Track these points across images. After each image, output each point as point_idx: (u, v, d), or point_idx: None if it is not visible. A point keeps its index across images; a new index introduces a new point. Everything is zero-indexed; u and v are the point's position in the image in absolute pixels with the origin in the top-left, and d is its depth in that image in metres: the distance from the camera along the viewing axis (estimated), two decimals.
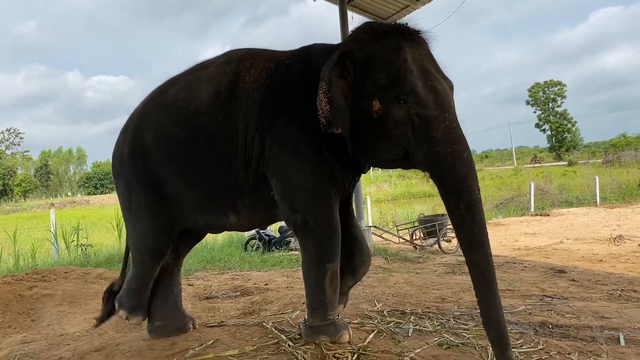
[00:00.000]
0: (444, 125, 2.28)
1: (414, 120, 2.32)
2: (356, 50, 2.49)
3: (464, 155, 2.27)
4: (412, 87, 2.30)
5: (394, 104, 2.34)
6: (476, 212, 2.23)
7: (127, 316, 3.16)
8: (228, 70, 2.82)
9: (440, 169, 2.30)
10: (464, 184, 2.24)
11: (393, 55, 2.38)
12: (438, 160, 2.29)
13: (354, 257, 2.99)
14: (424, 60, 2.40)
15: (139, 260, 3.13)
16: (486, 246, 2.24)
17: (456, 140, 2.28)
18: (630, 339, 2.97)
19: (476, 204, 2.24)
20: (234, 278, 6.71)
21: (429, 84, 2.33)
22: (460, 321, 3.37)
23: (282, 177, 2.67)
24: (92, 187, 70.67)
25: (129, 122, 3.14)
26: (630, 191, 18.50)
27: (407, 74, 2.32)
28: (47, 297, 4.84)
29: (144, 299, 3.21)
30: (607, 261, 6.96)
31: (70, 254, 9.77)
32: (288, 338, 2.90)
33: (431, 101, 2.30)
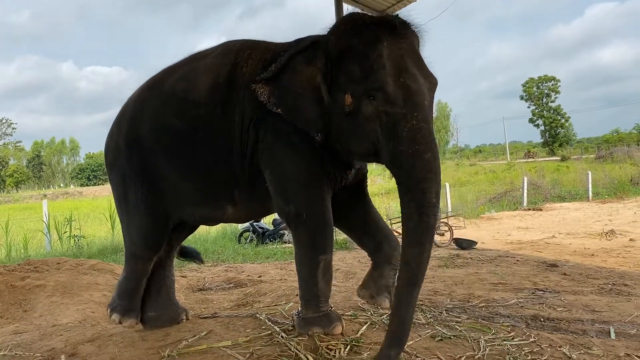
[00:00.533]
0: (411, 125, 2.20)
1: (382, 117, 2.28)
2: (333, 41, 2.45)
3: (425, 156, 2.19)
4: (381, 84, 2.25)
5: (364, 99, 2.31)
6: (424, 214, 2.16)
7: (119, 320, 3.10)
8: (226, 61, 2.79)
9: (401, 168, 2.25)
10: (420, 185, 2.17)
11: (368, 49, 2.31)
12: (400, 159, 2.23)
13: (383, 246, 2.90)
14: (404, 55, 2.31)
15: (134, 254, 3.10)
16: (424, 247, 2.17)
17: (420, 141, 2.20)
18: (621, 332, 3.00)
19: (427, 207, 2.17)
20: (227, 270, 6.71)
21: (402, 81, 2.25)
22: (453, 314, 3.39)
23: (274, 169, 2.66)
24: (85, 178, 70.43)
25: (123, 113, 3.10)
26: (622, 186, 18.62)
27: (379, 70, 2.27)
28: (40, 287, 4.83)
29: (137, 300, 3.17)
30: (598, 255, 7.03)
31: (63, 245, 9.74)
32: (281, 329, 2.91)
33: (400, 99, 2.23)
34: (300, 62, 2.48)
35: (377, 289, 2.85)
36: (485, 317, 3.34)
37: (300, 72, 2.47)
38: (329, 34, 2.51)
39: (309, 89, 2.47)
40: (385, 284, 2.85)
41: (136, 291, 3.15)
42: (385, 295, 2.84)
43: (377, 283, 2.87)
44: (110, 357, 2.66)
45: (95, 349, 2.80)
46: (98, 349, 2.79)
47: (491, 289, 4.49)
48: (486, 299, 3.94)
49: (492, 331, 2.92)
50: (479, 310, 3.55)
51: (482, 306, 3.67)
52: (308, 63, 2.47)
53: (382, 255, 2.89)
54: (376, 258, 2.92)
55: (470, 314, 3.41)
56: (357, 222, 2.97)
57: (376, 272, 2.90)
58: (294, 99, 2.48)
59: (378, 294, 2.85)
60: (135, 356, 2.65)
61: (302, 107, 2.48)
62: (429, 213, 2.16)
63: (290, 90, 2.48)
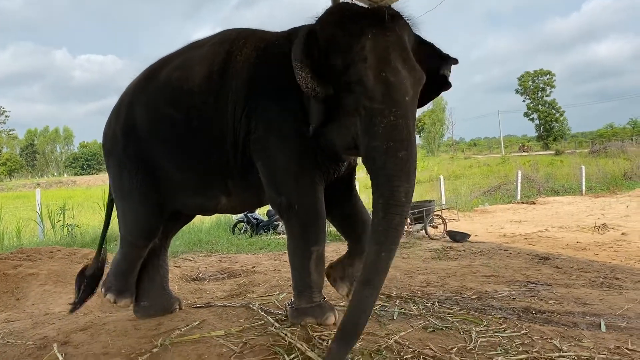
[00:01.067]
0: (388, 120, 2.15)
1: (360, 111, 2.24)
2: (319, 31, 2.41)
3: (399, 154, 2.12)
4: (360, 77, 2.20)
5: (345, 92, 2.27)
6: (389, 212, 2.09)
7: (114, 299, 3.13)
8: (221, 50, 2.77)
9: (374, 164, 2.19)
10: (390, 183, 2.11)
11: (352, 41, 2.27)
12: (373, 154, 2.19)
13: (362, 239, 2.90)
14: (389, 48, 2.24)
15: (129, 242, 3.10)
16: (382, 247, 2.08)
17: (396, 138, 2.14)
18: (611, 325, 3.02)
19: (394, 206, 2.10)
20: (221, 260, 6.72)
21: (383, 75, 2.18)
22: (445, 305, 3.41)
23: (267, 160, 2.65)
24: (79, 167, 70.17)
25: (122, 101, 3.09)
26: (615, 181, 18.73)
27: (360, 63, 2.22)
28: (32, 276, 4.82)
29: (132, 281, 3.18)
30: (590, 249, 7.07)
31: (56, 234, 9.71)
32: (274, 320, 2.91)
33: (379, 94, 2.17)
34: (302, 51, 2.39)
35: (342, 276, 2.92)
36: (477, 309, 3.36)
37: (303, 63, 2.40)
38: (316, 24, 2.47)
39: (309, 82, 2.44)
40: (351, 274, 2.91)
41: (131, 272, 3.16)
42: (347, 284, 2.92)
43: (345, 270, 2.93)
44: (103, 345, 2.65)
45: (87, 337, 2.80)
46: (90, 338, 2.79)
47: (484, 282, 4.51)
48: (478, 291, 3.97)
49: (484, 323, 2.94)
50: (471, 302, 3.57)
51: (474, 298, 3.70)
52: (307, 56, 2.40)
53: (359, 248, 2.90)
54: (352, 248, 2.96)
55: (463, 305, 3.43)
56: (343, 213, 2.97)
57: (348, 260, 2.95)
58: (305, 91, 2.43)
59: (341, 280, 2.92)
60: (127, 345, 2.65)
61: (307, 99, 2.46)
62: (394, 212, 2.10)
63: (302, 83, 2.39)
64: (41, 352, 2.63)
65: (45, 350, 2.64)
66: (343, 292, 2.92)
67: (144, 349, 2.57)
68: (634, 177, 19.46)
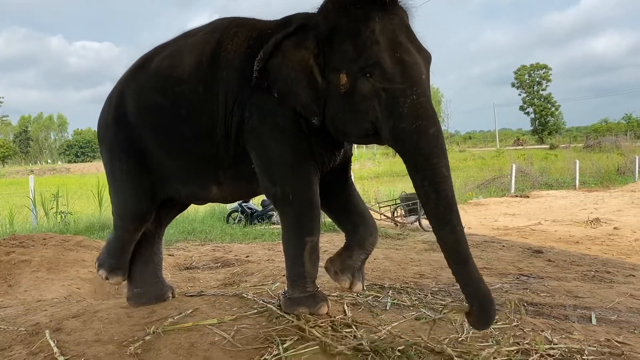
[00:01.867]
0: (411, 100, 2.18)
1: (380, 94, 2.24)
2: (321, 21, 2.42)
3: (430, 131, 2.16)
4: (377, 60, 2.21)
5: (360, 77, 2.27)
6: (441, 189, 2.13)
7: (106, 276, 3.16)
8: (212, 39, 2.75)
9: (405, 145, 2.21)
10: (429, 161, 2.14)
11: (360, 26, 2.29)
12: (403, 136, 2.20)
13: (359, 229, 2.91)
14: (396, 30, 2.28)
15: (120, 225, 3.12)
16: (454, 224, 2.13)
17: (423, 116, 2.17)
18: (602, 318, 3.05)
19: (441, 182, 2.14)
20: (215, 249, 6.72)
21: (397, 56, 2.22)
22: (438, 297, 3.42)
23: (261, 150, 2.64)
24: (73, 155, 69.84)
25: (115, 89, 3.09)
26: (609, 176, 18.86)
27: (373, 46, 2.23)
28: (25, 263, 4.81)
29: (125, 259, 3.20)
30: (583, 243, 7.11)
31: (49, 221, 9.66)
32: (268, 308, 2.92)
33: (398, 74, 2.20)
34: (289, 45, 2.44)
35: (342, 268, 2.88)
36: None
37: (290, 56, 2.44)
38: (318, 14, 2.47)
39: (302, 73, 2.44)
40: (351, 265, 2.88)
41: (123, 252, 3.17)
42: (348, 275, 2.87)
43: (344, 262, 2.89)
44: (95, 332, 2.65)
45: (80, 324, 2.79)
46: (83, 325, 2.78)
47: None
48: None
49: None
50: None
51: None
52: (297, 46, 2.43)
53: (356, 238, 2.91)
54: (350, 240, 2.94)
55: (455, 297, 3.45)
56: (338, 204, 2.96)
57: (346, 252, 2.92)
58: (287, 84, 2.45)
59: (342, 272, 2.87)
60: (120, 332, 2.65)
61: (296, 91, 2.45)
62: (445, 188, 2.14)
63: (282, 75, 2.45)
64: (33, 339, 2.62)
65: (37, 337, 2.64)
66: (345, 285, 2.88)
67: (137, 336, 2.57)
68: (627, 172, 19.58)
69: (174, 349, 2.40)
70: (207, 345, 2.42)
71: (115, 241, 3.17)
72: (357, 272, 2.90)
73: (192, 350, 2.38)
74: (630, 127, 49.73)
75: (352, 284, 2.88)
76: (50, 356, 2.38)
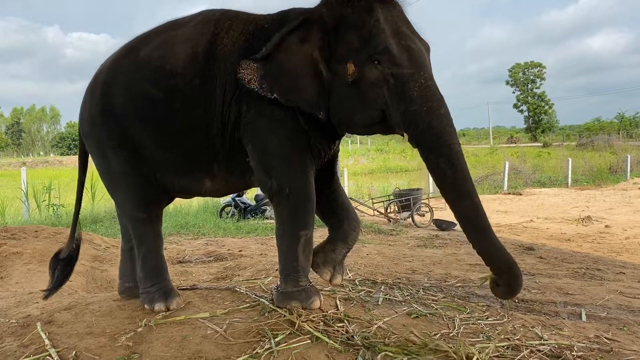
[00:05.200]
0: (420, 84, 2.27)
1: (389, 80, 2.31)
2: (325, 14, 2.45)
3: (440, 111, 2.26)
4: (385, 46, 2.29)
5: (368, 64, 2.33)
6: (457, 163, 2.23)
7: (166, 307, 2.83)
8: (205, 31, 2.71)
9: (417, 127, 2.28)
10: (442, 139, 2.24)
11: (364, 16, 2.36)
12: (414, 118, 2.27)
13: (343, 224, 2.95)
14: (397, 20, 2.39)
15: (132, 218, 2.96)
16: (472, 194, 2.25)
17: (432, 98, 2.27)
18: (591, 315, 3.07)
19: (456, 156, 2.24)
20: (207, 244, 6.71)
21: (403, 43, 2.32)
22: (430, 292, 3.44)
23: (257, 143, 2.63)
24: (65, 147, 69.32)
25: (96, 80, 2.97)
26: (601, 174, 18.98)
27: (380, 33, 2.31)
28: (16, 255, 4.78)
29: (166, 276, 2.99)
30: (574, 240, 7.16)
31: (41, 213, 9.61)
32: (260, 302, 2.92)
33: (405, 60, 2.29)
34: (294, 41, 2.45)
35: (324, 261, 2.91)
36: (461, 296, 3.40)
37: (296, 52, 2.45)
38: (320, 7, 2.49)
39: (307, 68, 2.46)
40: (333, 259, 2.91)
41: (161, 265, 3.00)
42: (329, 268, 2.91)
43: (327, 256, 2.92)
44: (87, 325, 2.65)
45: (71, 317, 2.79)
46: (74, 317, 2.78)
47: (468, 270, 4.56)
48: (463, 279, 4.01)
49: (467, 310, 2.97)
50: (455, 289, 3.61)
51: (458, 286, 3.73)
52: (302, 41, 2.45)
53: (340, 233, 2.94)
54: (334, 234, 2.97)
55: (447, 293, 3.47)
56: (324, 199, 2.95)
57: (329, 245, 2.95)
58: (293, 80, 2.46)
59: (323, 265, 2.90)
60: (112, 325, 2.64)
61: (302, 87, 2.46)
62: (460, 162, 2.25)
63: (286, 72, 2.45)
64: (24, 331, 2.62)
65: (28, 329, 2.63)
66: (326, 277, 2.91)
67: (128, 329, 2.57)
68: (619, 170, 19.70)
69: (166, 341, 2.41)
70: (199, 339, 2.43)
71: (147, 257, 2.95)
72: (338, 265, 2.94)
73: (184, 344, 2.38)
74: (622, 126, 49.98)
75: (332, 276, 2.92)
76: (42, 348, 2.38)
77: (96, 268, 4.81)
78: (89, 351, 2.33)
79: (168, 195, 3.09)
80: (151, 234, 2.98)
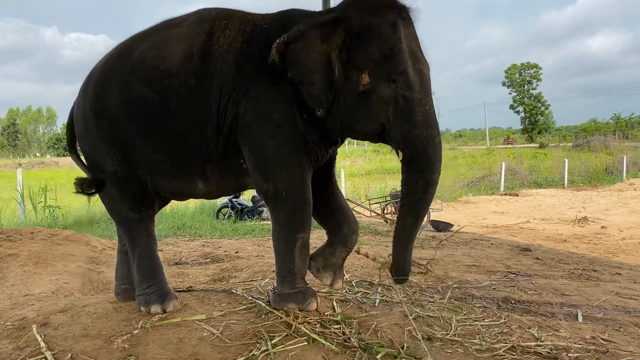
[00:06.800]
0: (424, 110, 2.39)
1: (399, 100, 2.38)
2: (353, 17, 2.44)
3: (436, 140, 2.43)
4: (404, 68, 2.35)
5: (384, 81, 2.37)
6: (428, 191, 2.47)
7: (162, 309, 2.83)
8: (201, 30, 2.69)
9: (415, 150, 2.42)
10: (430, 166, 2.43)
11: (389, 31, 2.38)
12: (414, 141, 2.40)
13: (342, 227, 2.95)
14: (412, 40, 2.44)
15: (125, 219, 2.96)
16: (419, 217, 2.60)
17: (432, 126, 2.41)
18: (588, 316, 3.07)
19: (432, 184, 2.46)
20: (204, 245, 6.70)
21: (417, 66, 2.39)
22: (426, 294, 3.44)
23: (255, 146, 2.62)
24: (61, 148, 68.91)
25: (89, 81, 2.95)
26: (597, 175, 19.00)
27: (401, 53, 2.35)
28: (12, 257, 4.76)
29: (162, 277, 2.98)
30: (570, 241, 7.17)
31: (37, 215, 9.56)
32: (257, 304, 2.92)
33: (418, 84, 2.37)
34: (315, 36, 2.45)
35: (324, 265, 2.91)
36: (458, 297, 3.40)
37: (314, 47, 2.45)
38: (346, 10, 2.47)
39: (321, 65, 2.46)
40: (333, 263, 2.92)
41: (156, 265, 2.99)
42: (330, 273, 2.91)
43: (327, 260, 2.91)
44: (83, 327, 2.64)
45: (67, 319, 2.78)
46: (70, 320, 2.77)
47: (465, 271, 4.56)
48: (460, 280, 4.01)
49: (464, 311, 2.97)
50: (452, 291, 3.61)
51: (455, 287, 3.73)
52: (324, 39, 2.45)
53: (340, 236, 2.94)
54: (333, 237, 2.96)
55: (444, 294, 3.46)
56: (322, 201, 2.95)
57: (329, 249, 2.94)
58: (304, 73, 2.46)
59: (324, 270, 2.91)
60: (108, 327, 2.64)
61: (312, 81, 2.47)
62: (431, 191, 2.49)
63: (299, 63, 2.45)
64: (20, 333, 2.61)
65: (24, 331, 2.62)
66: (327, 282, 2.91)
67: (125, 331, 2.57)
68: (615, 171, 19.75)
69: (162, 344, 2.40)
70: (196, 341, 2.42)
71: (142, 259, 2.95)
72: (338, 269, 2.93)
73: (181, 346, 2.37)
74: (618, 127, 50.04)
75: (333, 281, 2.92)
76: (37, 351, 2.37)
77: (92, 270, 4.79)
78: (84, 354, 2.32)
79: (160, 197, 3.08)
80: (144, 235, 2.97)
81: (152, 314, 2.80)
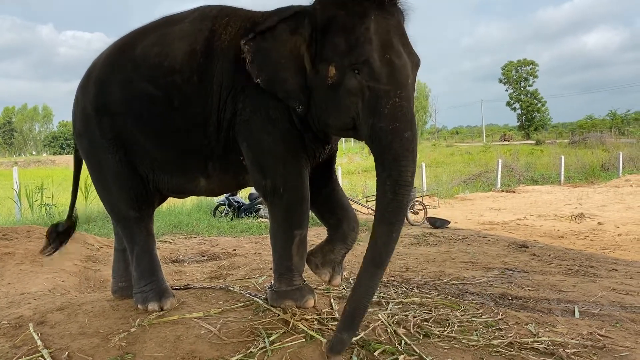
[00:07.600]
0: (393, 102, 2.20)
1: (365, 92, 2.25)
2: (319, 10, 2.40)
3: (405, 134, 2.18)
4: (367, 58, 2.22)
5: (349, 72, 2.27)
6: (399, 192, 2.16)
7: (159, 307, 2.83)
8: (203, 27, 2.68)
9: (380, 144, 2.23)
10: (397, 163, 2.17)
11: (356, 21, 2.29)
12: (379, 135, 2.22)
13: (342, 224, 2.92)
14: (390, 31, 2.29)
15: (124, 218, 2.95)
16: (393, 227, 2.19)
17: (401, 119, 2.19)
18: (585, 312, 3.09)
19: (402, 186, 2.17)
20: (201, 243, 6.70)
21: (387, 57, 2.23)
22: (424, 290, 3.45)
23: (252, 143, 2.61)
24: (58, 146, 68.93)
25: (89, 77, 2.93)
26: (593, 171, 19.08)
27: (365, 44, 2.24)
28: (9, 255, 4.75)
29: (160, 275, 2.98)
30: (567, 238, 7.20)
31: (34, 213, 9.53)
32: (254, 301, 2.92)
33: (385, 75, 2.21)
34: (283, 30, 2.42)
35: (323, 262, 2.89)
36: (455, 294, 3.41)
37: (283, 41, 2.42)
38: (315, 4, 2.45)
39: (291, 59, 2.43)
40: (332, 259, 2.89)
41: (155, 264, 2.99)
42: (328, 269, 2.88)
43: (326, 256, 2.89)
44: (80, 325, 2.63)
45: (64, 317, 2.77)
46: (67, 318, 2.76)
47: (462, 268, 4.57)
48: (457, 276, 4.01)
49: (461, 308, 2.98)
50: (449, 287, 3.62)
51: (452, 284, 3.74)
52: (292, 32, 2.42)
53: (339, 233, 2.91)
54: (333, 234, 2.94)
55: (441, 291, 3.47)
56: (322, 198, 2.94)
57: (328, 246, 2.92)
58: (275, 69, 2.43)
59: (323, 266, 2.88)
60: (105, 325, 2.63)
61: (283, 77, 2.43)
62: (402, 192, 2.16)
63: (270, 59, 2.43)
64: (17, 332, 2.60)
65: (20, 330, 2.61)
66: (325, 278, 2.89)
67: (122, 329, 2.56)
68: (612, 168, 19.84)
69: (159, 341, 2.39)
70: (193, 339, 2.42)
71: (141, 257, 2.94)
72: (337, 266, 2.91)
73: (178, 343, 2.37)
74: (614, 123, 50.24)
75: (332, 277, 2.90)
76: (34, 349, 2.36)
77: (89, 268, 4.79)
78: (81, 352, 2.31)
79: (161, 195, 3.08)
80: (144, 233, 2.97)
81: (150, 311, 2.80)
